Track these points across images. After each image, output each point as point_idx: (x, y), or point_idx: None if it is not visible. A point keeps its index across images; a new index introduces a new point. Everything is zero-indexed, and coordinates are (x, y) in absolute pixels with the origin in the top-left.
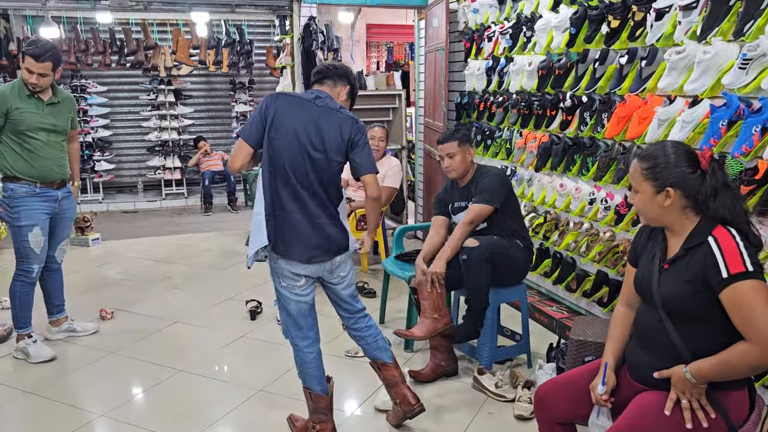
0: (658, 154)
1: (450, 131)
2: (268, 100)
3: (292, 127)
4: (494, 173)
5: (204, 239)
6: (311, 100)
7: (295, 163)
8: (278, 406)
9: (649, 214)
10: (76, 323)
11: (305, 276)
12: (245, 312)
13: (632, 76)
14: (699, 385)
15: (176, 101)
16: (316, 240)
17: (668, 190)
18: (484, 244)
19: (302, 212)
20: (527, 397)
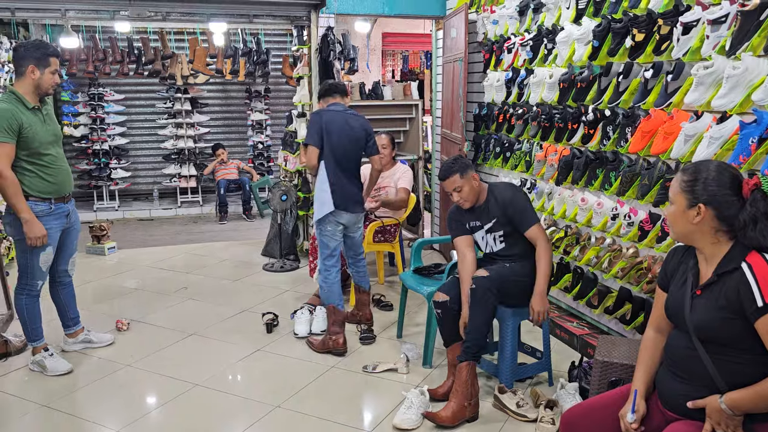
0: (701, 170)
1: (447, 165)
2: (319, 116)
3: (338, 130)
4: (513, 192)
5: (219, 249)
6: (341, 111)
7: (342, 152)
8: (296, 422)
9: (678, 229)
10: (92, 334)
11: (342, 224)
12: (261, 325)
13: (657, 90)
14: (735, 416)
15: (192, 109)
16: (356, 198)
17: (700, 206)
18: (494, 275)
19: (348, 181)
20: (549, 417)
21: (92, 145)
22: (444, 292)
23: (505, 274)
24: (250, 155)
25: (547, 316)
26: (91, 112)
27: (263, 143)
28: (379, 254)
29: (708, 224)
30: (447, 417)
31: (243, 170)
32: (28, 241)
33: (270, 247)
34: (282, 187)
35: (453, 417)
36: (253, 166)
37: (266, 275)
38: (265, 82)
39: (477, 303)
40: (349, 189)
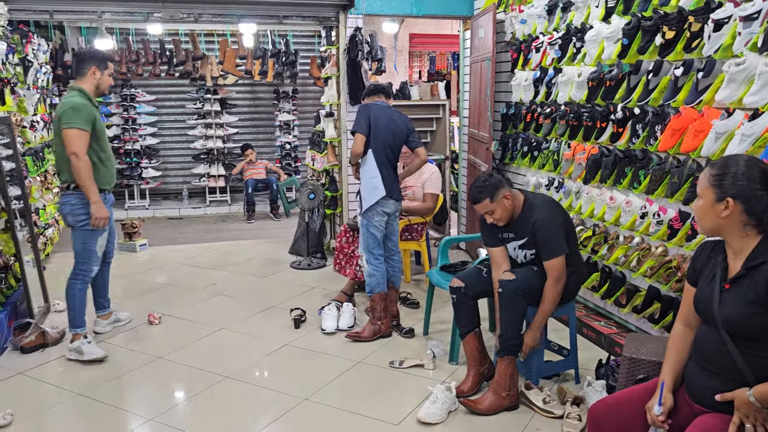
0: (730, 164)
1: (477, 189)
2: (367, 108)
3: (384, 123)
4: (547, 216)
5: (247, 247)
6: (386, 107)
7: (387, 143)
8: (324, 415)
9: (706, 223)
10: (119, 314)
11: (387, 214)
12: (289, 320)
13: (688, 87)
14: (764, 409)
15: (222, 110)
16: (398, 187)
17: (728, 200)
18: (520, 278)
19: (393, 171)
20: (576, 414)
21: (124, 144)
22: (461, 278)
23: (531, 276)
24: (277, 155)
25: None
26: (123, 112)
27: (290, 143)
28: (406, 253)
29: (736, 218)
30: (484, 407)
31: (270, 170)
32: (94, 222)
33: (297, 245)
34: (310, 185)
35: (489, 407)
36: (281, 167)
37: (293, 273)
38: (293, 83)
39: (505, 305)
40: (394, 177)
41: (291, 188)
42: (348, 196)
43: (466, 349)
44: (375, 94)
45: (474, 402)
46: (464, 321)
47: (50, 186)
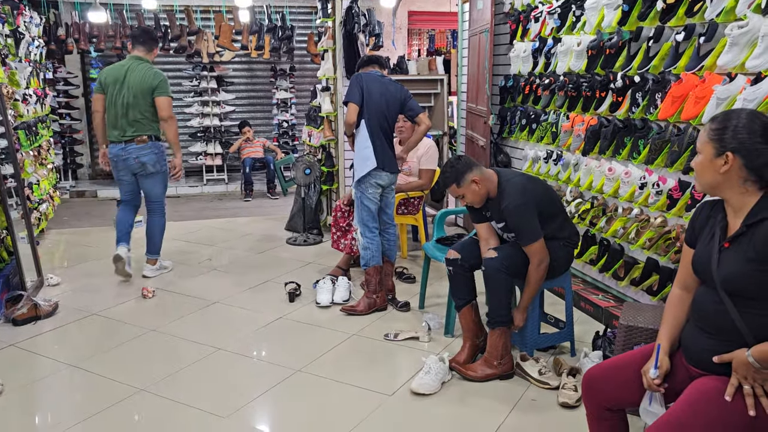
0: (730, 117)
1: (443, 173)
2: (359, 78)
3: (377, 92)
4: (517, 203)
5: (243, 224)
6: (379, 76)
7: (381, 113)
8: (316, 386)
9: (705, 179)
10: (163, 261)
11: (381, 186)
12: (284, 294)
13: (689, 53)
14: (763, 369)
15: (218, 88)
16: (393, 159)
17: (728, 154)
18: (502, 255)
19: (388, 142)
20: (572, 384)
21: None
22: (457, 250)
23: (513, 252)
24: (275, 134)
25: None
26: None
27: (288, 122)
28: (402, 228)
29: (735, 173)
30: (476, 375)
31: (268, 149)
32: (177, 171)
33: (293, 222)
34: (306, 161)
35: (482, 375)
36: (278, 145)
37: (289, 249)
38: (290, 60)
39: (489, 282)
40: (388, 149)
41: (289, 167)
42: (344, 171)
43: (461, 321)
44: (369, 65)
45: (466, 368)
46: (460, 293)
47: (44, 161)
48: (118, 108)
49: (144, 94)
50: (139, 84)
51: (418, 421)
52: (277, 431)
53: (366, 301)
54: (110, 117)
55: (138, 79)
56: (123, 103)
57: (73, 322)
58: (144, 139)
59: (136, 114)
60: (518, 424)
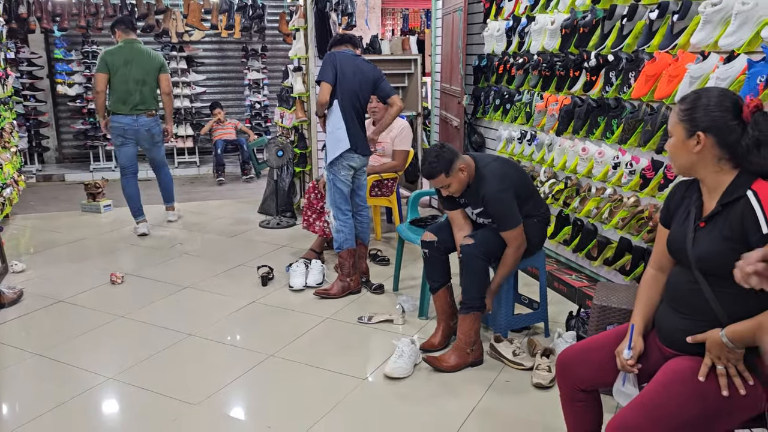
0: (700, 97)
1: (429, 163)
2: (333, 56)
3: (350, 72)
4: (496, 190)
5: (215, 207)
6: (352, 56)
7: (354, 93)
8: (290, 371)
9: (679, 161)
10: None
11: (354, 168)
12: (257, 278)
13: (662, 32)
14: (736, 349)
15: (188, 68)
16: (365, 141)
17: (699, 134)
18: (479, 241)
19: (360, 123)
20: (546, 365)
21: (87, 104)
22: (433, 232)
23: (490, 237)
24: (247, 115)
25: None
26: (86, 70)
27: (260, 103)
28: (376, 210)
29: (709, 153)
30: (449, 364)
31: (240, 130)
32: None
33: (266, 205)
34: (278, 142)
35: (454, 364)
36: (250, 127)
37: (262, 232)
38: (262, 40)
39: (466, 269)
40: (360, 131)
41: (261, 149)
42: (317, 153)
43: (436, 303)
44: (342, 44)
45: (438, 359)
46: (435, 275)
47: (7, 145)
48: (131, 85)
49: (152, 73)
50: (149, 64)
51: (393, 405)
52: (250, 417)
53: (339, 284)
54: (120, 93)
55: (147, 59)
56: (135, 80)
57: (39, 310)
58: (152, 113)
59: (146, 90)
60: (493, 405)
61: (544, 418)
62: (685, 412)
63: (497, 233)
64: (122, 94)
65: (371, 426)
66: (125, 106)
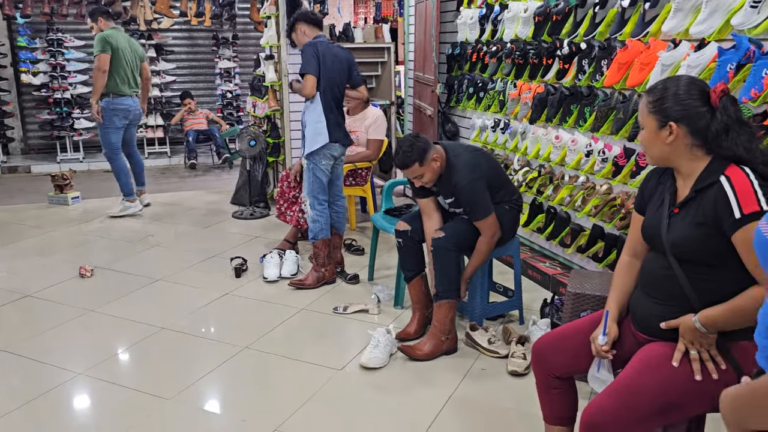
0: (667, 87)
1: (404, 152)
2: (314, 47)
3: (330, 61)
4: (468, 180)
5: (187, 198)
6: (327, 42)
7: (335, 83)
8: (265, 363)
9: (653, 152)
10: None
11: (334, 157)
12: (230, 270)
13: (634, 20)
14: (709, 334)
15: (157, 57)
16: (345, 130)
17: (671, 125)
18: (449, 233)
19: (339, 113)
20: (521, 352)
21: (53, 93)
22: (406, 221)
23: (461, 229)
24: (218, 104)
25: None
26: (51, 59)
27: (232, 92)
28: (350, 200)
29: (682, 142)
30: (423, 353)
31: (212, 120)
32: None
33: (239, 195)
34: (250, 132)
35: (429, 352)
36: (222, 116)
37: (235, 223)
38: (233, 28)
39: (438, 261)
40: (340, 120)
41: (234, 139)
42: (291, 143)
43: (411, 292)
44: (315, 25)
45: (413, 348)
46: (409, 265)
47: None
48: (130, 68)
49: (140, 59)
50: (138, 51)
51: (369, 395)
52: (225, 410)
53: (315, 274)
54: (122, 75)
55: (136, 47)
56: (133, 66)
57: (6, 305)
58: (141, 95)
59: (137, 74)
60: (469, 393)
61: (519, 405)
62: (659, 397)
63: (468, 224)
64: (123, 76)
65: (347, 416)
66: (129, 89)
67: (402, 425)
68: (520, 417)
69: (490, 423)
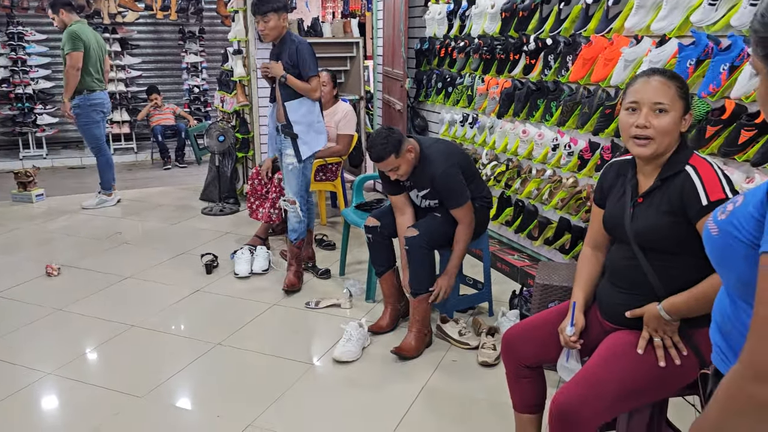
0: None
1: (380, 145)
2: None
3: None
4: (444, 169)
5: (155, 195)
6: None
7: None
8: (238, 359)
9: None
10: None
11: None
12: (200, 266)
13: (598, 16)
14: (672, 322)
15: (122, 51)
16: None
17: (690, 112)
18: (422, 232)
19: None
20: (491, 343)
21: (14, 88)
22: (376, 217)
23: (434, 226)
24: (185, 99)
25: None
26: (11, 53)
27: (199, 87)
28: (321, 194)
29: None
30: (412, 348)
31: (179, 115)
32: None
33: (208, 191)
34: (219, 127)
35: (417, 348)
36: (190, 111)
37: (205, 219)
38: (199, 22)
39: (413, 260)
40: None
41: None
42: (260, 138)
43: (383, 287)
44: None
45: (404, 349)
46: (380, 260)
47: None
48: (99, 63)
49: (104, 53)
50: (103, 44)
51: (342, 388)
52: (199, 407)
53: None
54: (94, 70)
55: (101, 40)
56: (101, 59)
57: None
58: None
59: (102, 68)
60: (440, 384)
61: (490, 395)
62: (625, 383)
63: (441, 221)
64: (94, 71)
65: (321, 411)
66: (100, 84)
67: (375, 418)
68: (491, 406)
69: (463, 413)
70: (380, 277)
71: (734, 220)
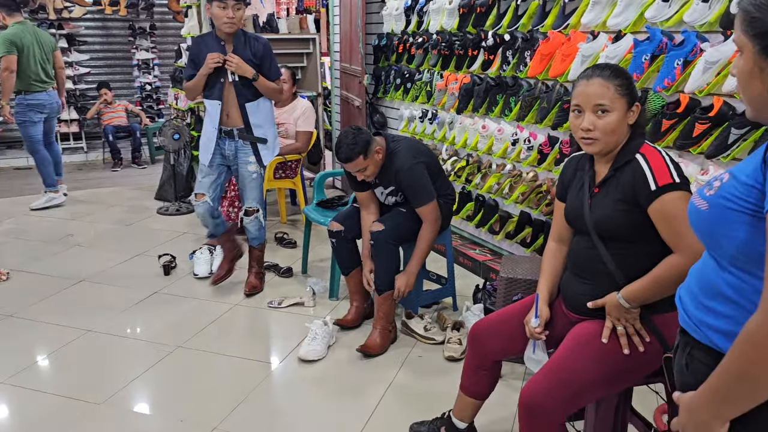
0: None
1: (349, 145)
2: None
3: None
4: (409, 165)
5: (108, 195)
6: None
7: None
8: (200, 361)
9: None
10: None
11: None
12: (158, 267)
13: (555, 12)
14: (632, 309)
15: (69, 47)
16: None
17: (637, 104)
18: (388, 227)
19: None
20: (456, 338)
21: None
22: (339, 221)
23: (400, 221)
24: (137, 97)
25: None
26: None
27: (151, 84)
28: (280, 192)
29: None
30: (377, 345)
31: (131, 112)
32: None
33: (164, 191)
34: (174, 125)
35: (382, 344)
36: (142, 109)
37: (161, 219)
38: (150, 17)
39: (378, 255)
40: None
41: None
42: None
43: (349, 284)
44: None
45: (370, 347)
46: (346, 262)
47: None
48: (40, 64)
49: (52, 51)
50: (48, 43)
51: (308, 388)
52: (161, 412)
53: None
54: (32, 71)
55: (45, 39)
56: (43, 59)
57: None
58: (56, 86)
59: (49, 67)
60: (407, 380)
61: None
62: (592, 373)
63: (406, 216)
64: (32, 72)
65: (287, 411)
66: (42, 84)
67: (344, 416)
68: None
69: (430, 408)
70: (347, 274)
71: (725, 193)
